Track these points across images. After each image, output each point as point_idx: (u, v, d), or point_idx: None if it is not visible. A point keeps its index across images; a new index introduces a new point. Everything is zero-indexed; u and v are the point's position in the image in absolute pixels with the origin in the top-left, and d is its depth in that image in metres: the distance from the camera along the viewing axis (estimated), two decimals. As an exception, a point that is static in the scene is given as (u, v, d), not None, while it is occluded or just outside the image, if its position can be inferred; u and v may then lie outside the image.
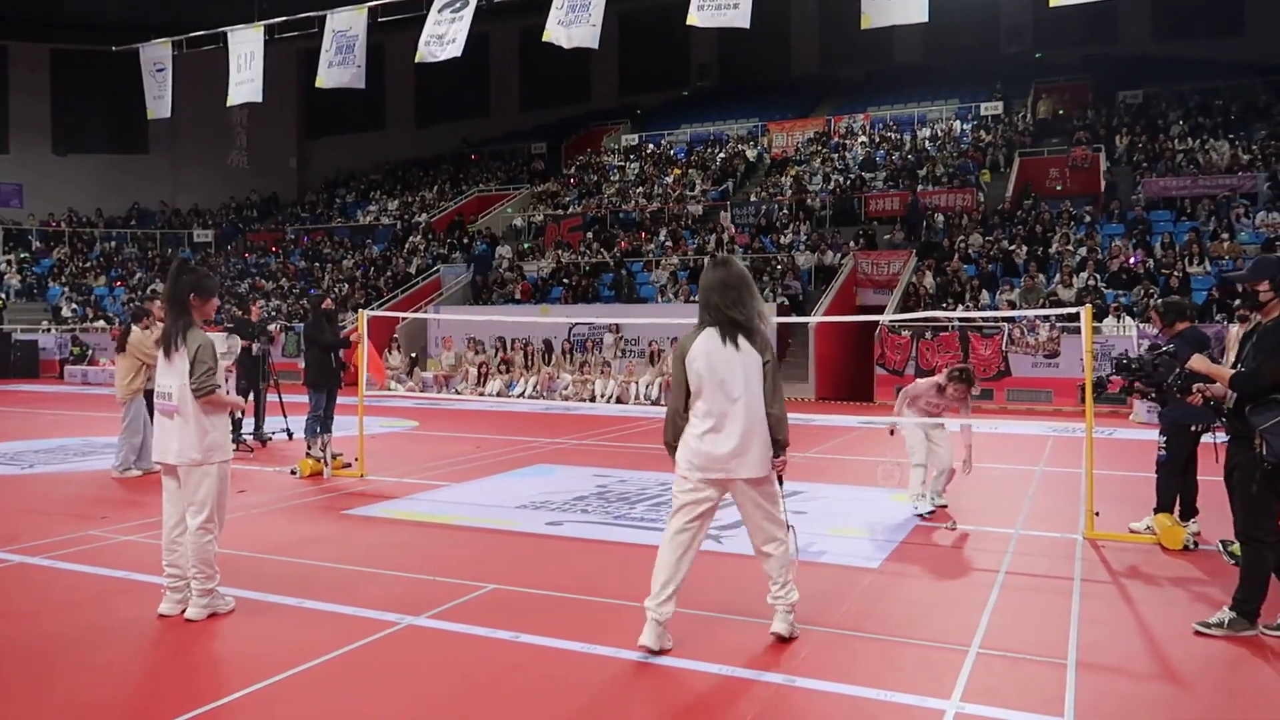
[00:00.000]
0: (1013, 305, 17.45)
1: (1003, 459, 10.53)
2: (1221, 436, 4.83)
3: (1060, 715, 3.69)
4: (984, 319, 16.84)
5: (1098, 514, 6.72)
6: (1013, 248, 20.02)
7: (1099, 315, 15.93)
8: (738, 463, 4.26)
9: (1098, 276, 17.93)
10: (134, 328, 9.49)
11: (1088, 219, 20.89)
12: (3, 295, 29.21)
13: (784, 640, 4.43)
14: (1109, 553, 6.27)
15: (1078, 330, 13.50)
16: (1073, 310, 8.07)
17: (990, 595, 5.29)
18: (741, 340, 4.27)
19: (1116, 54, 30.15)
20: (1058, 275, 18.23)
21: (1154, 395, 6.39)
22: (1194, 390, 4.82)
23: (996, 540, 6.66)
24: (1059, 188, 23.56)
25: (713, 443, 4.27)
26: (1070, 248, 19.45)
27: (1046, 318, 16.40)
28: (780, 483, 4.45)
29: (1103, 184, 22.70)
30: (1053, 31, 31.03)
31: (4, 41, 35.01)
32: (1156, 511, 6.57)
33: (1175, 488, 6.55)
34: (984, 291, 18.37)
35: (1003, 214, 22.29)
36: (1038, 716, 3.67)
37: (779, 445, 4.37)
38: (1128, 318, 16.32)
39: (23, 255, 32.12)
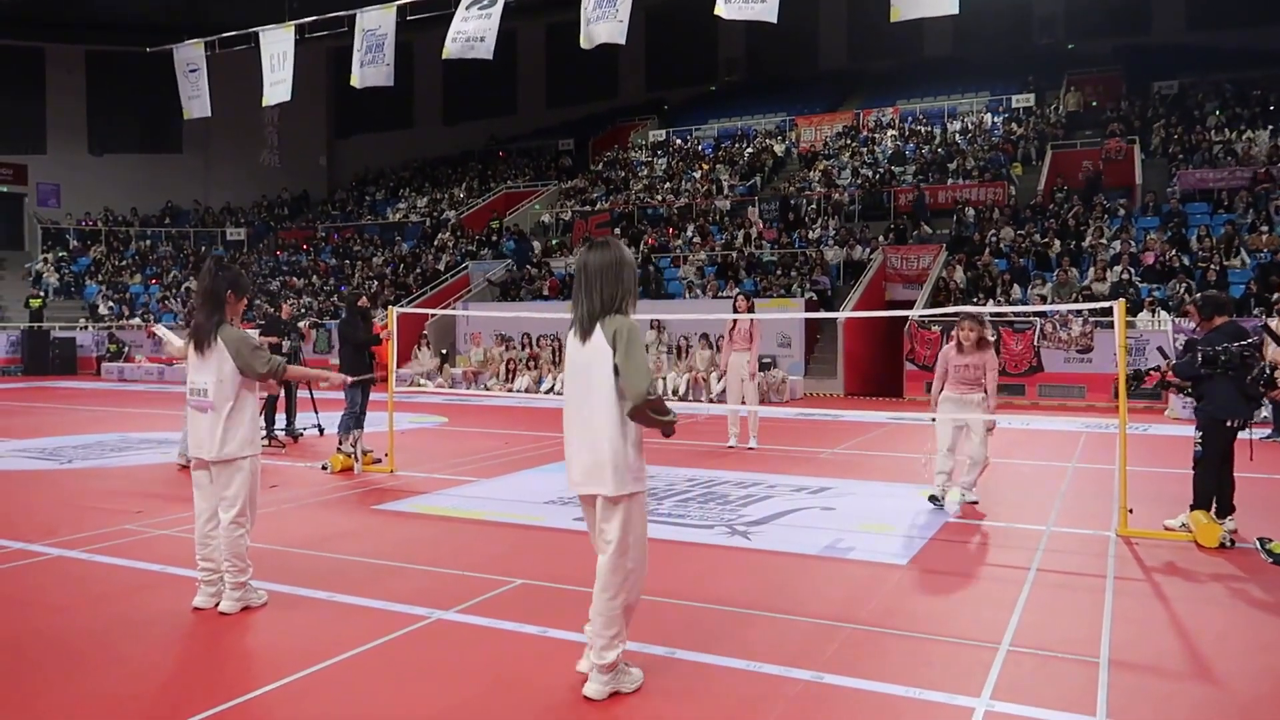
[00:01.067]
0: (1045, 300, 17.25)
1: (1035, 455, 10.42)
2: (1259, 432, 4.74)
3: (1092, 714, 3.64)
4: (1015, 314, 16.67)
5: (1131, 511, 6.62)
6: (1045, 241, 19.79)
7: (1133, 309, 15.71)
8: (575, 475, 3.83)
9: (1131, 270, 17.68)
10: None
11: (1121, 212, 20.61)
12: (42, 293, 29.74)
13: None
14: (1142, 550, 6.19)
15: (1111, 325, 13.33)
16: (1106, 304, 7.96)
17: (1021, 592, 5.24)
18: (596, 336, 3.72)
19: (1150, 44, 29.72)
20: (1091, 269, 17.99)
21: (1189, 391, 6.29)
22: (1278, 384, 4.71)
23: (1028, 537, 6.59)
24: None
25: (567, 453, 3.89)
26: (1104, 241, 19.19)
27: (1079, 312, 16.19)
28: None
29: (1137, 176, 22.37)
30: (1085, 22, 30.70)
31: (40, 44, 35.59)
32: (1193, 508, 6.46)
33: (1212, 484, 6.45)
34: (1015, 286, 18.17)
35: (1035, 207, 22.04)
36: (1069, 715, 3.62)
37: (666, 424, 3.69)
38: (1162, 312, 16.09)
39: (60, 254, 32.73)
